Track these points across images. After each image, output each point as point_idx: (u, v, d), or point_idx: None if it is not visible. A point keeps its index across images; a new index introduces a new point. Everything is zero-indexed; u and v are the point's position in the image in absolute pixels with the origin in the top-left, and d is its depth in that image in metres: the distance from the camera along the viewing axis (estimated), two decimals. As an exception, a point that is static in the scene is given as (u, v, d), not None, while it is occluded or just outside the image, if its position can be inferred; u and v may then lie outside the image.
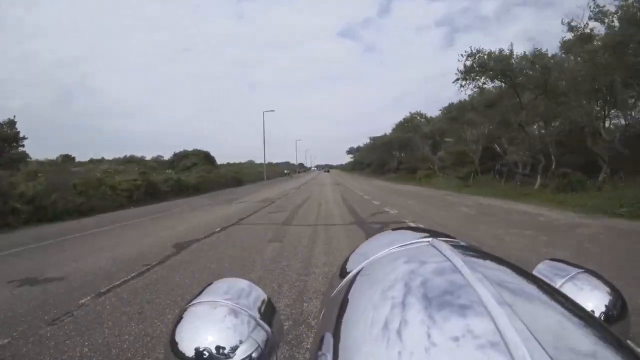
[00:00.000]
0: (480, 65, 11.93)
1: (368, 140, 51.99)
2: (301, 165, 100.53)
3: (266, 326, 0.41)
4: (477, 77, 12.50)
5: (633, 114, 10.39)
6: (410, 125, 34.71)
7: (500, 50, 11.88)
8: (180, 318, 0.40)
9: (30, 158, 19.38)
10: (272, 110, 43.69)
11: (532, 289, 0.34)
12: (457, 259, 0.36)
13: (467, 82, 12.70)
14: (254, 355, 0.37)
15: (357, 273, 0.47)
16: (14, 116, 19.38)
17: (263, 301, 0.45)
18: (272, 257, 4.49)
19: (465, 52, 12.18)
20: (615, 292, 0.48)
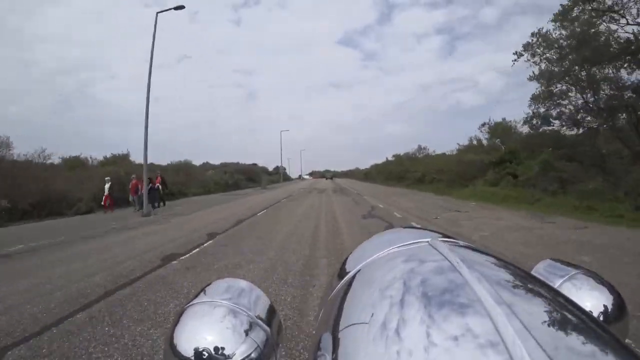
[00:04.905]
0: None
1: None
2: (277, 169, 59.72)
3: (265, 327, 0.41)
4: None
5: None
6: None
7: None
8: (180, 318, 0.40)
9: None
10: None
11: (530, 288, 0.34)
12: (455, 258, 0.36)
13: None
14: (253, 355, 0.37)
15: (356, 273, 0.47)
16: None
17: (262, 302, 0.45)
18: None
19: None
20: (613, 292, 0.48)
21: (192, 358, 0.35)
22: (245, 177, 33.17)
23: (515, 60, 12.22)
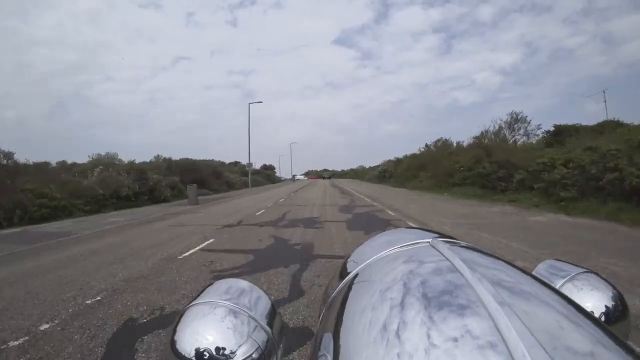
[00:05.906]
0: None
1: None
2: (265, 167, 54.00)
3: (266, 327, 0.41)
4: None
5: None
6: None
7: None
8: (181, 318, 0.40)
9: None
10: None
11: (531, 289, 0.33)
12: (456, 259, 0.36)
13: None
14: (254, 355, 0.37)
15: (357, 274, 0.47)
16: None
17: (263, 302, 0.45)
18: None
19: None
20: (615, 292, 0.48)
21: (193, 358, 0.35)
22: (191, 180, 18.39)
23: None
